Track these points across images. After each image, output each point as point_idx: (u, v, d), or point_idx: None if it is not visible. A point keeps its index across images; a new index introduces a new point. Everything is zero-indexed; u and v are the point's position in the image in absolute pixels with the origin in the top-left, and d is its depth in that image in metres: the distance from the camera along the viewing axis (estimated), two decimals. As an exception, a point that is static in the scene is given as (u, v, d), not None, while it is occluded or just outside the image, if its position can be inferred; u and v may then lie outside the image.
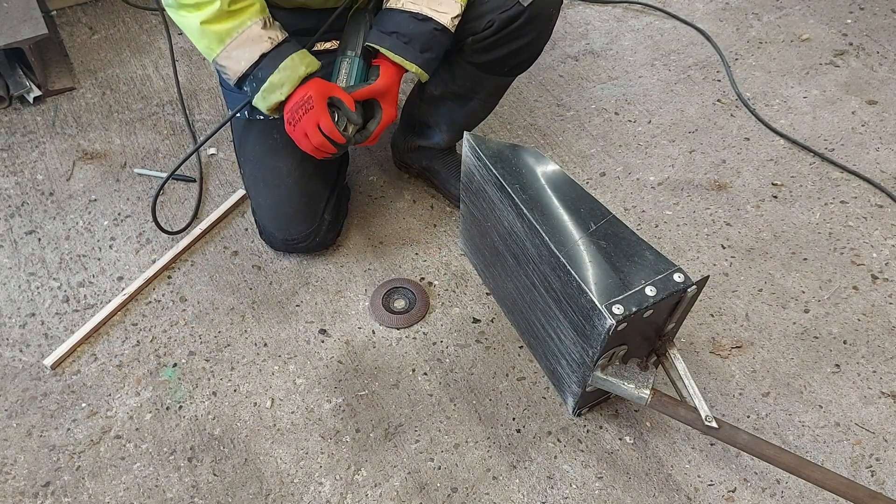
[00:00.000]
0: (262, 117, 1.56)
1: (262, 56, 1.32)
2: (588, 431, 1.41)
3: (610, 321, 1.12)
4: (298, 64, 1.34)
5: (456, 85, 1.55)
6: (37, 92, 1.99)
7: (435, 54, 1.42)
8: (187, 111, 1.98)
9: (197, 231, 1.69)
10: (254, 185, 1.60)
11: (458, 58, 1.50)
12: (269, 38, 1.33)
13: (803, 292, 1.63)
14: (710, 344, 1.54)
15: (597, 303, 1.14)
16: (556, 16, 1.48)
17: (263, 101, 1.36)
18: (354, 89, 1.41)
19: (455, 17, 1.40)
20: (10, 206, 1.76)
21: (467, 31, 1.44)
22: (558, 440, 1.40)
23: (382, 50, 1.40)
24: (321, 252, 1.68)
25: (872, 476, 1.36)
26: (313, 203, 1.57)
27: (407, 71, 1.42)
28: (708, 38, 2.28)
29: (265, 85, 1.34)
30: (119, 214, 1.75)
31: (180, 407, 1.43)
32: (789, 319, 1.59)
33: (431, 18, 1.39)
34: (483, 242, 1.53)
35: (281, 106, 1.38)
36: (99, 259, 1.66)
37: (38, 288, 1.61)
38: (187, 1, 1.29)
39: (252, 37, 1.32)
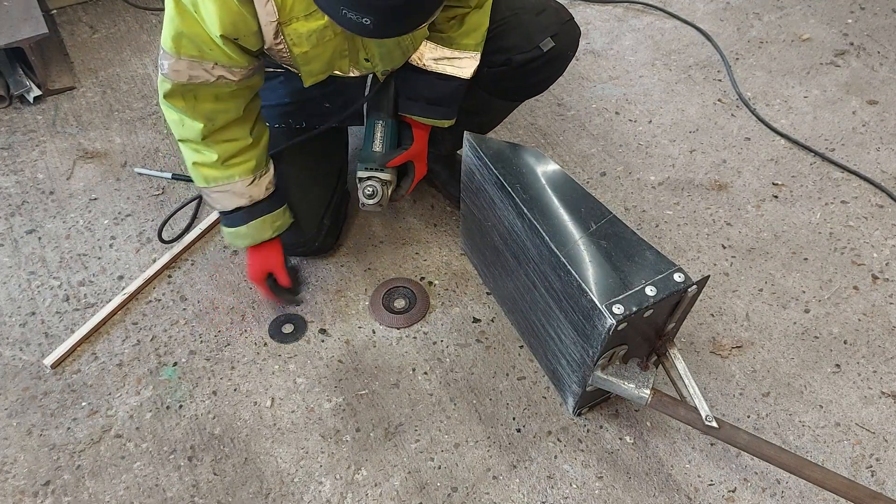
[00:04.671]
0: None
1: (238, 208, 1.40)
2: (588, 431, 1.41)
3: (610, 321, 1.12)
4: (266, 227, 1.43)
5: (465, 104, 1.55)
6: (37, 91, 1.99)
7: (458, 102, 1.47)
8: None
9: (197, 231, 1.69)
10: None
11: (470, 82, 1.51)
12: (250, 196, 1.39)
13: (804, 292, 1.63)
14: (710, 344, 1.54)
15: (597, 302, 1.14)
16: (573, 55, 1.51)
17: (226, 237, 1.46)
18: (391, 157, 1.48)
19: (475, 68, 1.42)
20: (10, 205, 1.76)
21: (483, 63, 1.43)
22: (558, 440, 1.40)
23: (414, 117, 1.46)
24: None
25: (873, 476, 1.36)
26: (314, 208, 1.57)
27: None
28: (708, 38, 2.28)
29: (233, 230, 1.43)
30: (119, 213, 1.75)
31: (180, 406, 1.43)
32: (790, 319, 1.59)
33: (455, 77, 1.41)
34: (483, 242, 1.53)
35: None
36: (99, 258, 1.66)
37: (38, 287, 1.61)
38: (187, 145, 1.33)
39: (235, 191, 1.38)
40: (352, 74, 1.38)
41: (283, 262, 1.51)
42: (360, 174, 1.49)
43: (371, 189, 1.48)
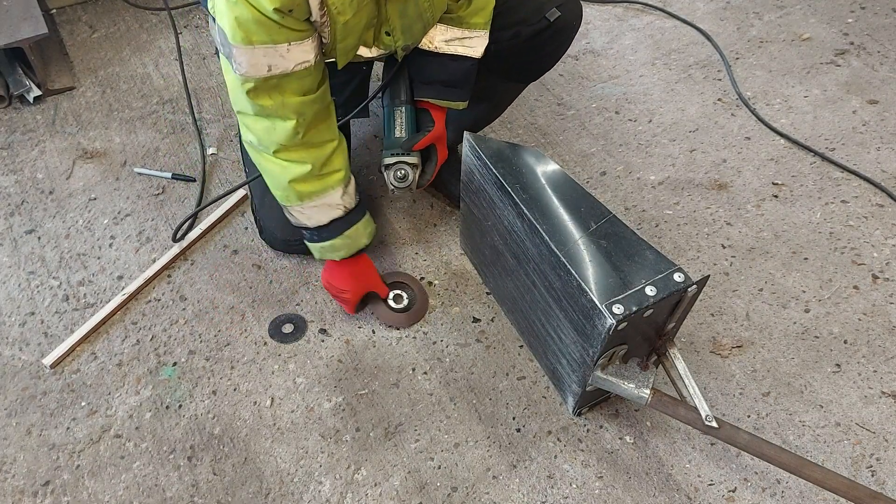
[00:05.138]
0: None
1: (332, 221, 1.38)
2: (588, 431, 1.41)
3: (610, 321, 1.12)
4: (361, 234, 1.42)
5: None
6: (37, 91, 1.99)
7: (472, 83, 1.47)
8: (194, 110, 1.98)
9: (197, 231, 1.69)
10: (258, 184, 1.59)
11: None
12: (344, 206, 1.38)
13: (804, 292, 1.63)
14: (710, 343, 1.54)
15: (597, 302, 1.14)
16: (578, 27, 1.51)
17: (318, 253, 1.44)
18: (415, 140, 1.48)
19: (485, 47, 1.43)
20: (9, 204, 1.76)
21: (492, 41, 1.44)
22: (558, 440, 1.40)
23: (430, 100, 1.46)
24: (321, 251, 1.68)
25: (873, 476, 1.36)
26: None
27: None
28: (708, 38, 2.28)
29: (326, 244, 1.41)
30: (119, 213, 1.75)
31: (180, 406, 1.43)
32: (790, 319, 1.58)
33: (467, 57, 1.42)
34: (483, 242, 1.53)
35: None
36: (99, 258, 1.66)
37: (37, 286, 1.61)
38: (281, 156, 1.30)
39: (330, 203, 1.36)
40: (373, 54, 1.38)
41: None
42: (388, 160, 1.49)
43: (402, 172, 1.49)
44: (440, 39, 1.41)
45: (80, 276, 1.63)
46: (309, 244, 1.45)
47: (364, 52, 1.37)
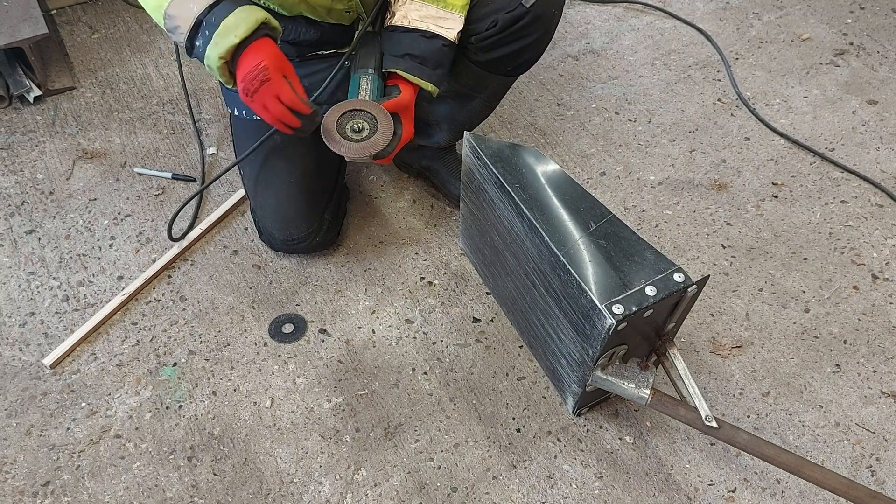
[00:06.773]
0: (258, 117, 1.56)
1: (212, 4, 1.20)
2: (588, 431, 1.41)
3: (610, 321, 1.12)
4: (257, 9, 1.23)
5: (459, 84, 1.55)
6: (37, 91, 1.99)
7: (445, 69, 1.44)
8: (193, 111, 1.98)
9: (197, 231, 1.69)
10: (254, 185, 1.60)
11: (461, 57, 1.50)
12: None
13: (803, 292, 1.63)
14: (710, 343, 1.54)
15: (597, 302, 1.14)
16: (559, 16, 1.50)
17: (216, 47, 1.20)
18: (382, 102, 1.39)
19: (459, 31, 1.42)
20: (9, 205, 1.76)
21: (471, 31, 1.44)
22: (558, 440, 1.40)
23: (400, 72, 1.42)
24: (321, 252, 1.68)
25: (873, 476, 1.36)
26: (314, 203, 1.58)
27: (422, 88, 1.43)
28: (708, 38, 2.28)
29: (219, 28, 1.19)
30: (119, 214, 1.75)
31: (180, 406, 1.43)
32: (789, 319, 1.59)
33: (439, 35, 1.40)
34: (483, 242, 1.53)
35: (233, 59, 1.24)
36: (99, 258, 1.66)
37: (37, 287, 1.61)
38: None
39: None
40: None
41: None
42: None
43: (359, 125, 1.37)
44: (414, 16, 1.40)
45: (80, 276, 1.63)
46: (207, 54, 1.22)
47: None
